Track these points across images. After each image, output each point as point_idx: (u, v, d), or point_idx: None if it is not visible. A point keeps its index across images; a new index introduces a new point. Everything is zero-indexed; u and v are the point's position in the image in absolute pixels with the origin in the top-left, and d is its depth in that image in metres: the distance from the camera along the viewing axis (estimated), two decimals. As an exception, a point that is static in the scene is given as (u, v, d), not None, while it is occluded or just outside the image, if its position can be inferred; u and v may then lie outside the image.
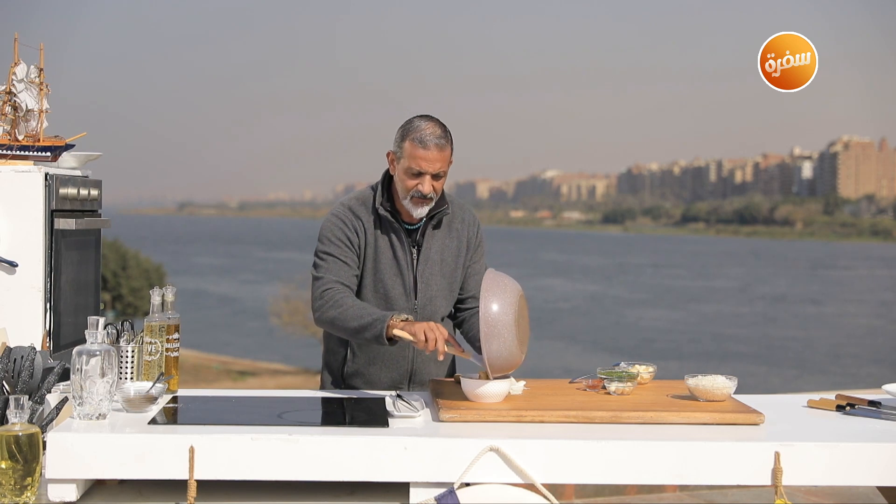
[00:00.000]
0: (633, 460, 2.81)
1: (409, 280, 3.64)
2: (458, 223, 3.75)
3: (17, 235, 3.76)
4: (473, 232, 3.77)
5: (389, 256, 3.64)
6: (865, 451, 2.84)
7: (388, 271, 3.63)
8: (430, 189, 3.55)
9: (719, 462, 2.81)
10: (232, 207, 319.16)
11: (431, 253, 3.67)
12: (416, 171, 3.52)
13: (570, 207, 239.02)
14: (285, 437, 2.78)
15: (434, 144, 3.51)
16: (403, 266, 3.64)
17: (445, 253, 3.70)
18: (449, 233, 3.72)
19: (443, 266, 3.69)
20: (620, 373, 3.37)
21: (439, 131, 3.54)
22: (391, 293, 3.63)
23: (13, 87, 3.81)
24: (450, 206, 3.71)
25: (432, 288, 3.66)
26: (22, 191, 3.76)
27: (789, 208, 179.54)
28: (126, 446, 2.76)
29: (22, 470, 2.72)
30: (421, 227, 3.67)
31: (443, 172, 3.56)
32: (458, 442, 2.80)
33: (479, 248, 3.80)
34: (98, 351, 2.90)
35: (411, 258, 3.66)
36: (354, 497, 2.87)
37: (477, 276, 3.74)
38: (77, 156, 4.10)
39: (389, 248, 3.64)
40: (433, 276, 3.67)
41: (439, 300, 3.68)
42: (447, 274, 3.70)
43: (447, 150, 3.55)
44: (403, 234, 3.65)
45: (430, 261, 3.67)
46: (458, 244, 3.72)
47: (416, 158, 3.51)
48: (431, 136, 3.52)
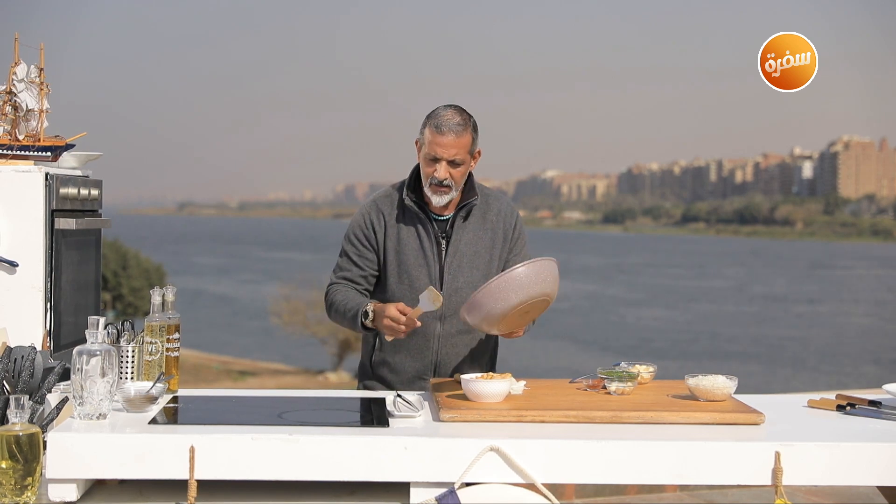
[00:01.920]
0: (633, 460, 2.81)
1: (434, 271, 3.66)
2: (494, 215, 3.74)
3: (18, 235, 3.76)
4: (511, 223, 3.77)
5: (416, 247, 3.67)
6: (866, 450, 2.84)
7: (414, 262, 3.67)
8: (446, 175, 3.56)
9: (719, 462, 2.82)
10: (232, 207, 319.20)
11: (461, 244, 3.68)
12: (433, 157, 3.57)
13: (570, 207, 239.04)
14: (285, 436, 2.79)
15: (449, 130, 3.54)
16: (430, 257, 3.67)
17: (479, 245, 3.70)
18: (483, 224, 3.72)
19: (475, 258, 3.69)
20: (621, 373, 3.37)
21: (458, 118, 3.57)
22: (416, 283, 3.66)
23: (13, 86, 3.81)
24: (481, 196, 3.73)
25: (459, 279, 3.67)
26: (22, 191, 3.77)
27: (789, 208, 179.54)
28: (126, 446, 2.76)
29: (22, 470, 2.72)
30: (451, 218, 3.68)
31: (460, 160, 3.57)
32: (459, 442, 2.80)
33: (520, 240, 3.80)
34: (98, 351, 2.90)
35: (439, 249, 3.68)
36: (355, 497, 2.87)
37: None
38: (77, 156, 4.10)
39: (416, 238, 3.68)
40: (462, 267, 3.67)
41: (467, 291, 3.65)
42: (480, 266, 3.70)
43: (465, 137, 3.56)
44: (431, 224, 3.67)
45: (460, 252, 3.68)
46: (493, 235, 3.72)
47: (433, 144, 3.56)
48: (449, 121, 3.55)
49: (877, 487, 3.13)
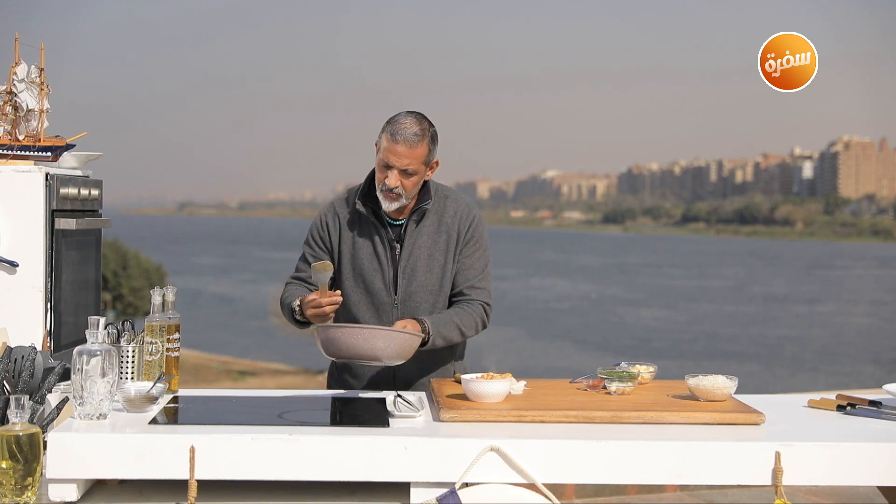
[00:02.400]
0: (633, 460, 2.81)
1: (388, 275, 3.65)
2: (450, 217, 3.71)
3: (18, 235, 3.76)
4: (465, 225, 3.71)
5: (370, 252, 3.67)
6: (866, 451, 2.84)
7: (368, 266, 3.66)
8: (396, 183, 3.54)
9: (720, 462, 2.82)
10: (232, 207, 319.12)
11: (415, 248, 3.66)
12: (386, 164, 3.55)
13: (570, 207, 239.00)
14: (286, 437, 2.79)
15: (404, 139, 3.52)
16: (384, 262, 3.66)
17: (433, 248, 3.68)
18: (438, 227, 3.70)
19: (429, 261, 3.67)
20: (621, 373, 3.37)
21: (416, 128, 3.54)
22: (371, 287, 3.66)
23: (14, 87, 3.81)
24: (438, 199, 3.71)
25: (413, 284, 3.65)
26: (22, 191, 3.77)
27: (789, 208, 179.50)
28: (126, 446, 2.76)
29: (22, 470, 2.72)
30: (404, 223, 3.68)
31: (412, 170, 3.55)
32: (459, 442, 2.80)
33: (473, 243, 3.72)
34: (99, 351, 2.90)
35: (392, 254, 3.66)
36: (355, 497, 2.87)
37: (468, 270, 3.70)
38: (77, 156, 4.10)
39: (370, 243, 3.67)
40: (416, 271, 3.65)
41: (422, 295, 3.66)
42: (435, 269, 3.67)
43: (419, 148, 3.53)
44: (385, 229, 3.66)
45: (413, 256, 3.66)
46: (448, 238, 3.69)
47: (387, 151, 3.54)
48: (405, 130, 3.52)
49: (877, 487, 3.13)
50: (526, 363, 38.99)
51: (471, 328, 3.67)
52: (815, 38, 4.11)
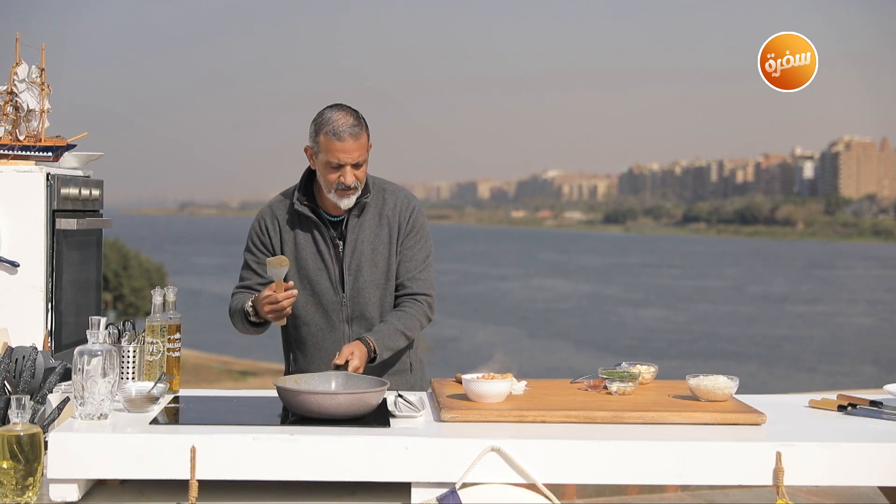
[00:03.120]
0: (634, 460, 2.81)
1: (334, 273, 3.65)
2: (390, 209, 3.71)
3: (19, 235, 3.76)
4: (405, 216, 3.71)
5: (313, 251, 3.66)
6: (867, 451, 2.84)
7: (313, 266, 3.66)
8: (353, 179, 3.55)
9: (720, 462, 2.81)
10: (233, 207, 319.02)
11: (358, 244, 3.66)
12: (336, 164, 3.54)
13: (571, 207, 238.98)
14: (286, 437, 2.79)
15: (349, 135, 3.52)
16: (328, 260, 3.66)
17: (376, 242, 3.68)
18: (379, 221, 3.70)
19: (373, 255, 3.67)
20: (622, 373, 3.37)
21: (352, 120, 3.54)
22: (317, 287, 3.66)
23: (15, 87, 3.81)
24: (377, 192, 3.71)
25: (360, 280, 3.65)
26: (23, 191, 3.77)
27: (790, 208, 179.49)
28: (127, 446, 2.76)
29: (23, 470, 2.72)
30: (345, 218, 3.67)
31: (363, 160, 3.56)
32: (460, 442, 2.80)
33: (414, 234, 3.72)
34: (99, 351, 2.90)
35: (336, 251, 3.67)
36: (356, 497, 2.87)
37: (409, 262, 3.70)
38: (78, 156, 4.10)
39: (312, 243, 3.67)
40: (361, 267, 3.65)
41: (370, 290, 3.66)
42: (380, 263, 3.67)
43: (363, 137, 3.55)
44: (325, 227, 3.66)
45: (357, 251, 3.66)
46: (389, 231, 3.69)
47: (334, 151, 3.52)
48: (344, 126, 3.52)
49: (878, 488, 3.13)
50: (526, 363, 38.99)
51: (415, 329, 3.68)
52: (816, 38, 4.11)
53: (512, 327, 52.51)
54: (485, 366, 3.29)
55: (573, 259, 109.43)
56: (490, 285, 75.18)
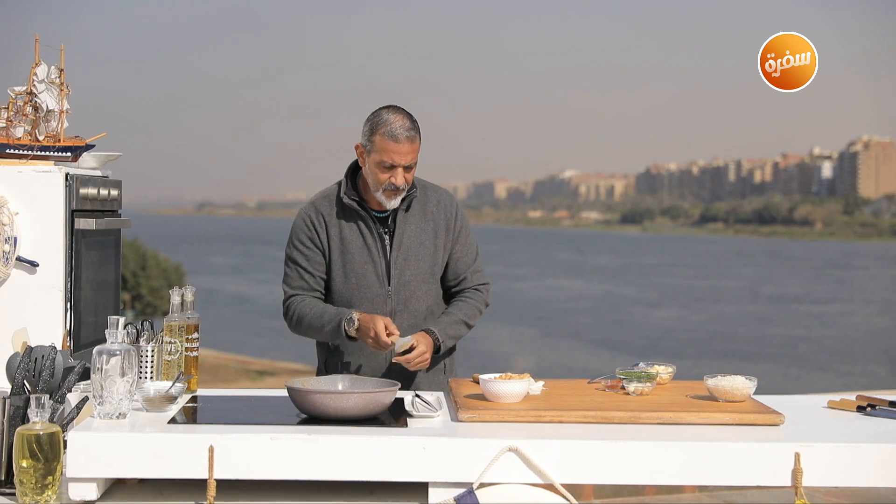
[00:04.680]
0: (651, 461, 2.81)
1: (380, 266, 3.68)
2: (433, 206, 3.76)
3: (38, 235, 3.78)
4: (451, 214, 3.78)
5: (359, 245, 3.69)
6: (886, 452, 2.82)
7: (359, 259, 3.69)
8: (403, 181, 3.60)
9: (739, 463, 2.81)
10: (250, 207, 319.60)
11: (405, 238, 3.70)
12: (389, 165, 3.58)
13: (588, 207, 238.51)
14: (304, 436, 2.79)
15: (405, 137, 3.57)
16: (375, 253, 3.69)
17: (422, 236, 3.72)
18: (424, 216, 3.74)
19: (420, 250, 3.71)
20: (639, 373, 3.36)
21: (408, 123, 3.59)
22: (363, 280, 3.68)
23: (34, 87, 3.83)
24: (420, 188, 3.75)
25: (406, 273, 3.69)
26: (43, 191, 3.78)
27: (809, 208, 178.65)
28: (146, 446, 2.77)
29: (43, 469, 2.74)
30: (391, 212, 3.70)
31: (413, 163, 3.62)
32: (477, 442, 2.80)
33: (464, 233, 3.80)
34: (118, 350, 2.91)
35: (382, 245, 3.70)
36: (373, 497, 2.88)
37: (465, 257, 3.78)
38: (97, 156, 4.11)
39: (359, 236, 3.70)
40: (408, 260, 3.69)
41: (415, 284, 3.70)
42: (425, 257, 3.71)
43: (417, 141, 3.61)
44: (372, 221, 3.70)
45: (404, 245, 3.70)
46: (435, 227, 3.74)
47: (389, 152, 3.57)
48: (402, 129, 3.57)
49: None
50: (541, 363, 38.94)
51: (475, 317, 3.79)
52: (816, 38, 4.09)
53: (527, 327, 52.47)
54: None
55: (589, 259, 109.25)
56: (506, 285, 75.16)
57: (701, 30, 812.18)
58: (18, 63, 3.97)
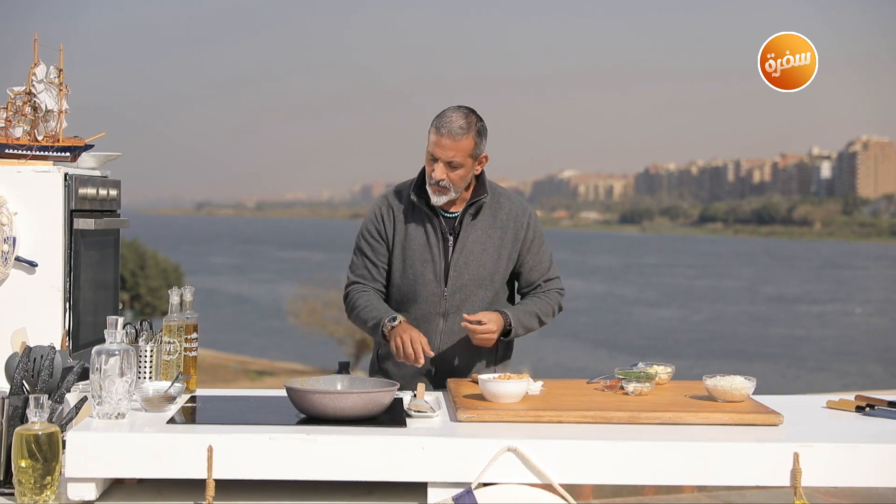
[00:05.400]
0: (651, 461, 2.81)
1: (440, 267, 3.68)
2: (505, 214, 3.75)
3: (37, 235, 3.78)
4: (522, 223, 3.76)
5: (422, 242, 3.70)
6: (885, 452, 2.82)
7: (420, 257, 3.69)
8: (443, 176, 3.59)
9: (738, 463, 2.81)
10: (250, 207, 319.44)
11: (468, 242, 3.69)
12: (432, 157, 3.60)
13: (587, 207, 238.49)
14: (303, 436, 2.79)
15: (447, 132, 3.57)
16: (436, 253, 3.69)
17: (487, 243, 3.71)
18: (493, 223, 3.73)
19: (482, 255, 3.70)
20: (638, 373, 3.36)
21: (461, 121, 3.58)
22: (421, 279, 3.68)
23: (33, 87, 3.83)
24: (493, 195, 3.75)
25: (464, 276, 3.68)
26: (42, 191, 3.78)
27: (808, 208, 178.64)
28: (145, 446, 2.77)
29: (41, 469, 2.74)
30: (459, 215, 3.70)
31: (458, 163, 3.59)
32: (476, 442, 2.80)
33: (535, 241, 3.79)
34: (117, 350, 2.92)
35: (445, 245, 3.69)
36: (372, 497, 2.88)
37: (539, 265, 3.79)
38: (96, 156, 4.11)
39: (423, 234, 3.70)
40: (468, 264, 3.68)
41: (472, 288, 3.69)
42: (487, 264, 3.70)
43: (464, 141, 3.58)
44: (438, 221, 3.70)
45: (467, 249, 3.69)
46: (503, 234, 3.73)
47: (433, 144, 3.60)
48: (448, 123, 3.58)
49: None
50: (540, 363, 38.94)
51: (548, 315, 3.78)
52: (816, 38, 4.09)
53: (526, 327, 52.28)
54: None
55: (588, 259, 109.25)
56: (505, 285, 74.97)
57: (700, 30, 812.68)
58: (18, 63, 3.97)
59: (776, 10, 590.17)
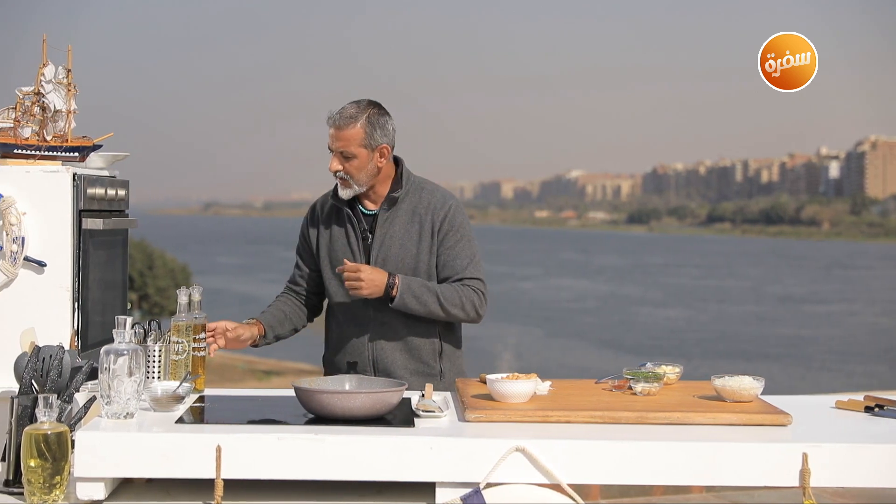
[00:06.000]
0: (659, 461, 2.80)
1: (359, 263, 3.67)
2: (423, 208, 3.73)
3: (46, 235, 3.79)
4: (440, 217, 3.71)
5: (343, 243, 3.75)
6: (895, 452, 2.81)
7: (342, 255, 3.73)
8: (338, 167, 3.64)
9: (746, 463, 2.80)
10: (257, 207, 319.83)
11: (387, 238, 3.70)
12: (329, 149, 3.66)
13: (594, 207, 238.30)
14: (311, 436, 2.79)
15: (333, 122, 3.63)
16: (356, 251, 3.72)
17: (405, 238, 3.70)
18: (412, 217, 3.72)
19: (401, 250, 3.69)
20: (647, 373, 3.36)
21: (352, 111, 3.63)
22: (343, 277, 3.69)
23: (42, 87, 3.84)
24: (413, 189, 3.75)
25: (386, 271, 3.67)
26: (50, 191, 3.79)
27: (816, 208, 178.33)
28: (153, 445, 2.78)
29: (51, 468, 2.74)
30: (377, 212, 3.72)
31: (350, 153, 3.62)
32: (484, 442, 2.80)
33: (453, 234, 3.70)
34: (126, 350, 2.92)
35: (365, 243, 3.72)
36: (380, 497, 2.88)
37: (455, 261, 3.69)
38: (104, 156, 4.12)
39: (344, 235, 3.75)
40: (388, 259, 3.69)
41: None
42: (407, 259, 3.69)
43: (350, 130, 3.60)
44: (357, 219, 3.73)
45: (385, 245, 3.70)
46: (420, 228, 3.71)
47: (328, 136, 3.65)
48: (338, 114, 3.63)
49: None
50: (546, 363, 38.92)
51: (454, 304, 3.62)
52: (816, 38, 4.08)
53: (532, 327, 52.45)
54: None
55: (595, 259, 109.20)
56: (512, 285, 75.13)
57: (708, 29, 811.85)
58: (18, 63, 3.98)
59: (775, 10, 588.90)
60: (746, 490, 5.57)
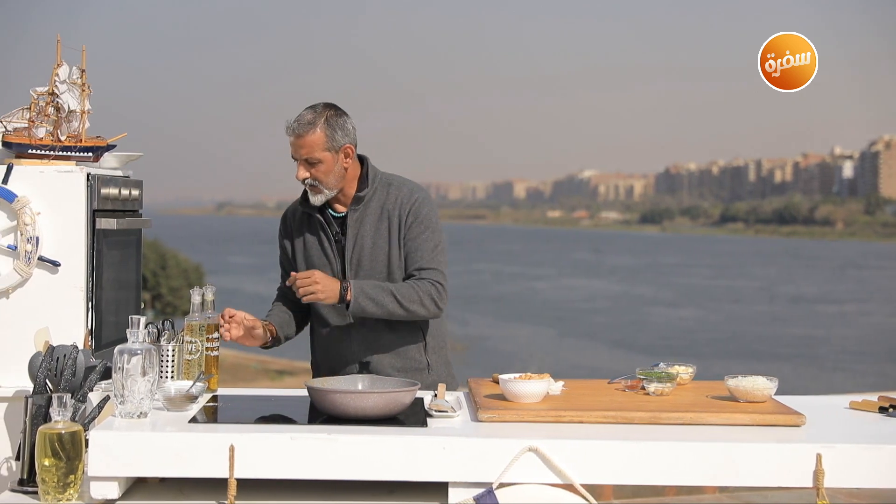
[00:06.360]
0: (672, 461, 2.80)
1: (337, 267, 3.69)
2: (391, 204, 3.72)
3: (60, 235, 3.80)
4: (406, 209, 3.69)
5: (318, 249, 3.74)
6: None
7: (318, 263, 3.72)
8: (305, 174, 3.62)
9: (760, 463, 2.79)
10: (270, 207, 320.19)
11: (359, 238, 3.69)
12: (293, 158, 3.65)
13: (607, 207, 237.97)
14: (324, 436, 2.80)
15: (292, 131, 3.61)
16: (331, 255, 3.71)
17: (377, 236, 3.69)
18: (380, 214, 3.71)
19: (374, 250, 3.69)
20: (660, 373, 3.35)
21: (308, 117, 3.60)
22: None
23: (56, 88, 3.85)
24: (381, 186, 3.73)
25: (361, 273, 3.67)
26: (64, 191, 3.80)
27: (829, 208, 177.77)
28: (167, 445, 2.78)
29: (65, 468, 2.75)
30: (347, 213, 3.71)
31: (314, 159, 3.60)
32: (497, 442, 2.79)
33: (417, 224, 3.67)
34: (139, 350, 2.93)
35: (339, 246, 3.71)
36: (393, 496, 2.88)
37: (416, 252, 3.66)
38: (118, 156, 4.13)
39: (317, 241, 3.74)
40: (361, 261, 3.68)
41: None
42: (380, 257, 3.68)
43: (310, 135, 3.58)
44: (328, 224, 3.72)
45: (358, 245, 3.69)
46: (390, 223, 3.70)
47: (290, 146, 3.64)
48: (295, 122, 3.61)
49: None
50: (559, 363, 38.88)
51: (411, 301, 3.57)
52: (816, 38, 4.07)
53: (545, 327, 52.42)
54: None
55: (608, 259, 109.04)
56: (524, 285, 75.07)
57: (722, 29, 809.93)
58: (18, 63, 3.99)
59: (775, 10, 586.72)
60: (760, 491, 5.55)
